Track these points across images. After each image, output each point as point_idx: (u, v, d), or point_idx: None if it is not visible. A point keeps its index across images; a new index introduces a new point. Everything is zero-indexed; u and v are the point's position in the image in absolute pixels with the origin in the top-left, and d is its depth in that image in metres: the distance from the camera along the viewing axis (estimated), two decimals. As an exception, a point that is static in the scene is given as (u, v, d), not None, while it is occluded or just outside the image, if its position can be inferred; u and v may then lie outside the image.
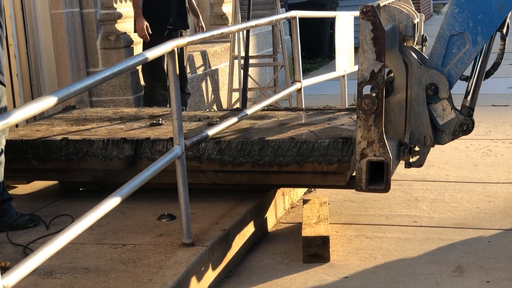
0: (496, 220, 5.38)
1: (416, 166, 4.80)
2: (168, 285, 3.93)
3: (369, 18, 4.32)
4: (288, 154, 5.03)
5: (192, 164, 5.16)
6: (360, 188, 4.56)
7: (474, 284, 4.33)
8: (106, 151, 5.32)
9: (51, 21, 7.07)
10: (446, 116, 4.63)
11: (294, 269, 4.66)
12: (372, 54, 4.34)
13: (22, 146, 5.47)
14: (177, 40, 4.49)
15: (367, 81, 4.38)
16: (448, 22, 4.53)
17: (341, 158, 4.95)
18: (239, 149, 5.12)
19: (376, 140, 4.42)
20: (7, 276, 2.86)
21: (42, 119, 6.33)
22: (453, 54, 4.55)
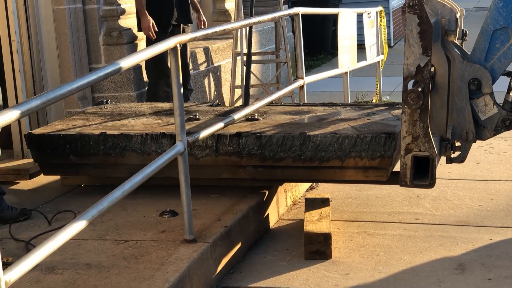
0: (498, 218, 5.37)
1: (458, 161, 4.72)
2: (170, 281, 3.93)
3: (416, 11, 4.30)
4: (329, 149, 4.99)
5: (232, 159, 5.17)
6: (404, 183, 4.54)
7: (476, 282, 4.33)
8: (144, 146, 5.28)
9: (53, 17, 7.06)
10: (488, 111, 4.56)
11: (296, 266, 4.66)
12: (418, 48, 4.31)
13: (59, 141, 5.44)
14: (179, 37, 4.49)
15: (413, 75, 4.35)
16: (492, 16, 4.47)
17: (383, 154, 4.91)
18: (280, 144, 5.08)
19: (422, 135, 4.40)
20: (9, 272, 2.87)
21: (77, 114, 6.31)
22: (496, 49, 4.48)
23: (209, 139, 5.15)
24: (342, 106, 6.08)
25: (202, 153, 5.19)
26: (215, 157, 5.19)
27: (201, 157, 5.21)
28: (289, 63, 9.44)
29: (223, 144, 5.16)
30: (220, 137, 5.16)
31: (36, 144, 5.51)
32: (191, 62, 8.27)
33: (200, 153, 5.20)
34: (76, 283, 3.97)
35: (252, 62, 8.81)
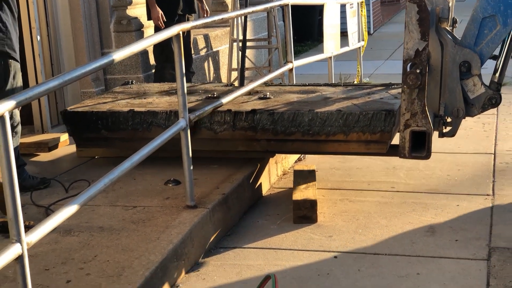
0: (465, 186, 5.38)
1: (449, 136, 4.74)
2: (174, 242, 3.94)
3: (415, 1, 4.30)
4: (335, 125, 4.97)
5: (247, 133, 5.16)
6: (403, 155, 4.56)
7: (445, 243, 4.34)
8: (169, 121, 5.23)
9: (69, 6, 7.01)
10: (476, 91, 4.56)
11: (285, 229, 4.67)
12: (417, 34, 4.31)
13: (92, 117, 5.41)
14: (182, 25, 4.47)
15: (412, 58, 4.35)
16: (481, 5, 4.45)
17: (383, 129, 4.89)
18: (291, 120, 5.05)
19: (419, 112, 4.41)
20: (30, 234, 2.87)
21: (106, 93, 6.26)
22: (485, 35, 4.47)
23: (227, 115, 5.15)
24: (344, 86, 6.05)
25: (220, 128, 5.18)
26: (232, 131, 5.17)
27: (219, 132, 5.19)
28: (279, 49, 9.40)
29: (240, 120, 5.14)
30: (237, 113, 5.14)
31: (71, 120, 5.50)
32: (193, 48, 8.23)
33: (219, 128, 5.18)
34: (90, 244, 3.98)
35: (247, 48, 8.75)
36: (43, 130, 6.75)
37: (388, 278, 3.89)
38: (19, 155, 5.02)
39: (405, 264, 4.05)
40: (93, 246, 3.95)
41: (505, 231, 4.47)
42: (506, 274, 3.86)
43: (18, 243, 2.76)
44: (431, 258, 4.12)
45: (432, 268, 3.99)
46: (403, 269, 3.99)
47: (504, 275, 3.84)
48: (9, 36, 4.79)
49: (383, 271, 3.97)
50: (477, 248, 4.23)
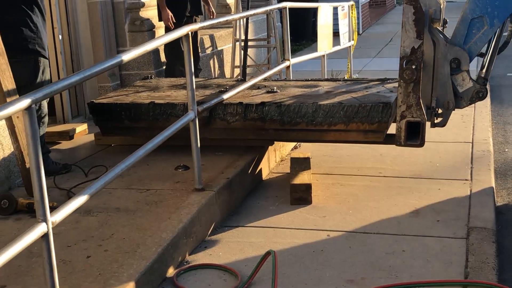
0: (446, 172, 5.37)
1: (440, 126, 4.71)
2: (183, 221, 3.94)
3: (411, 3, 4.28)
4: (336, 116, 4.94)
5: (257, 123, 5.14)
6: (399, 143, 4.55)
7: (427, 223, 4.34)
8: (186, 112, 5.22)
9: (88, 9, 6.98)
10: (465, 85, 4.54)
11: (283, 210, 4.66)
12: (413, 33, 4.29)
13: (116, 108, 5.39)
14: (191, 26, 4.45)
15: (408, 55, 4.33)
16: (470, 7, 4.42)
17: (380, 119, 4.86)
18: (296, 111, 5.02)
19: (414, 104, 4.39)
20: (54, 214, 2.86)
21: (128, 87, 6.22)
22: (473, 34, 4.44)
23: (239, 107, 5.13)
24: (343, 81, 6.00)
25: (233, 118, 5.16)
26: (243, 122, 5.16)
27: (232, 122, 5.17)
28: (278, 48, 9.37)
29: (250, 111, 5.12)
30: (248, 105, 5.13)
31: (97, 111, 5.47)
32: (200, 47, 8.20)
33: (232, 119, 5.16)
34: (108, 223, 3.97)
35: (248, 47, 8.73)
36: (64, 120, 6.73)
37: (376, 254, 3.89)
38: (45, 143, 5.02)
39: (392, 242, 4.05)
40: (111, 225, 3.94)
41: (482, 213, 4.46)
42: (483, 251, 3.85)
43: (44, 222, 2.75)
44: (415, 237, 4.12)
45: (416, 246, 3.98)
46: (390, 247, 3.98)
47: (481, 252, 3.84)
48: (39, 36, 4.84)
49: (372, 248, 3.97)
50: (457, 228, 4.23)
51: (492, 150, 6.06)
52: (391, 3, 21.66)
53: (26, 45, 4.77)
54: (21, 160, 4.36)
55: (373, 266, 3.73)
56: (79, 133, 6.28)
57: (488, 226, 4.22)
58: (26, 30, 4.76)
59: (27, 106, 2.66)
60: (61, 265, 3.40)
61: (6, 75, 4.26)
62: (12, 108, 2.62)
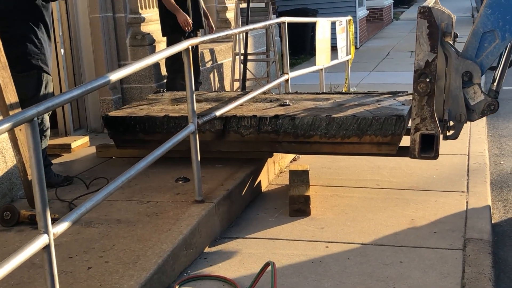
0: (442, 184, 5.37)
1: (452, 138, 4.67)
2: (183, 233, 3.93)
3: (426, 17, 4.27)
4: (350, 128, 4.90)
5: (270, 136, 5.10)
6: (413, 156, 4.52)
7: (424, 234, 4.33)
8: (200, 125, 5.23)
9: (90, 23, 7.00)
10: (476, 98, 4.51)
11: (282, 221, 4.66)
12: (427, 46, 4.27)
13: (131, 122, 5.35)
14: (191, 40, 4.46)
15: (422, 68, 4.31)
16: (481, 21, 4.40)
17: (394, 132, 4.81)
18: (310, 124, 4.99)
19: (428, 117, 4.37)
20: (56, 226, 2.85)
21: (141, 100, 6.17)
22: (485, 48, 4.43)
23: (253, 120, 5.10)
24: (354, 94, 5.95)
25: (246, 131, 5.13)
26: (257, 134, 5.12)
27: (246, 135, 5.14)
28: (277, 61, 9.39)
29: (264, 124, 5.09)
30: (262, 118, 5.09)
31: (111, 124, 5.42)
32: (200, 61, 8.21)
33: (245, 132, 5.13)
34: (109, 235, 3.97)
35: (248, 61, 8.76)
36: (66, 133, 6.75)
37: (374, 265, 3.88)
38: (47, 156, 5.03)
39: (390, 253, 4.04)
40: (111, 236, 3.94)
41: (478, 224, 4.46)
42: (479, 262, 3.85)
43: (45, 233, 2.75)
44: (413, 248, 4.11)
45: (414, 257, 3.97)
46: (388, 258, 3.97)
47: (478, 263, 3.83)
48: (43, 52, 4.86)
49: (370, 259, 3.96)
50: (454, 239, 4.22)
51: (488, 162, 6.06)
52: (388, 18, 21.74)
53: (29, 60, 4.78)
54: (23, 172, 4.36)
55: (371, 277, 3.72)
56: (80, 145, 6.28)
57: (485, 237, 4.22)
58: (31, 45, 4.78)
59: (29, 119, 2.66)
60: (62, 276, 3.39)
61: (9, 88, 4.27)
62: (14, 121, 2.62)
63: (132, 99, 7.28)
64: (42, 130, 4.82)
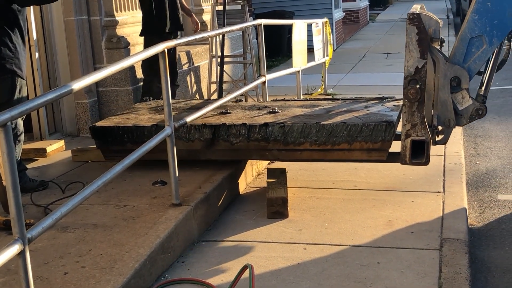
0: (418, 184, 5.41)
1: (441, 143, 4.66)
2: (161, 237, 3.91)
3: (415, 23, 4.26)
4: (340, 135, 4.88)
5: (260, 144, 5.07)
6: (404, 162, 4.51)
7: (401, 235, 4.36)
8: (189, 134, 5.15)
9: (64, 26, 6.95)
10: (465, 103, 4.50)
11: (260, 224, 4.66)
12: (416, 53, 4.28)
13: (119, 132, 5.28)
14: (167, 43, 4.44)
15: (412, 75, 4.31)
16: (469, 26, 4.39)
17: (384, 138, 4.80)
18: (300, 131, 4.96)
19: (419, 123, 4.37)
20: (31, 231, 2.83)
21: (128, 109, 6.08)
22: (472, 53, 4.42)
23: (242, 128, 5.07)
24: (342, 100, 5.91)
25: (236, 139, 5.10)
26: (247, 142, 5.09)
27: (235, 143, 5.11)
28: (253, 64, 9.40)
29: (254, 132, 5.06)
30: (251, 126, 5.06)
31: (99, 134, 5.35)
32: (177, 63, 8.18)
33: (235, 140, 5.10)
34: (85, 239, 3.93)
35: (225, 63, 8.75)
36: (41, 137, 6.68)
37: (352, 266, 3.89)
38: (21, 161, 4.98)
39: (367, 254, 4.06)
40: (88, 241, 3.91)
41: (455, 224, 4.50)
42: (456, 262, 3.88)
43: (20, 239, 2.72)
44: (390, 249, 4.13)
45: (391, 257, 4.00)
46: (365, 259, 3.99)
47: (454, 263, 3.87)
48: (17, 56, 4.82)
49: (347, 261, 3.98)
50: (430, 239, 4.25)
51: (464, 162, 6.12)
52: (364, 20, 21.88)
53: (3, 64, 4.73)
54: (-3, 177, 4.30)
55: (349, 278, 3.74)
56: (56, 149, 6.23)
57: (461, 237, 4.26)
58: (5, 50, 4.73)
59: (2, 123, 2.63)
60: (38, 282, 3.36)
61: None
62: (-13, 125, 2.59)
63: (108, 102, 7.24)
64: (16, 134, 4.77)
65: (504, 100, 9.14)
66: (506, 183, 5.75)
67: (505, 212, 5.07)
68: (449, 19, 21.91)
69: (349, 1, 20.10)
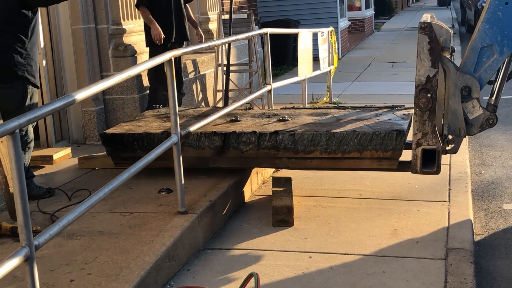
0: (424, 194, 5.40)
1: (451, 153, 4.63)
2: (166, 244, 3.92)
3: (426, 33, 4.26)
4: (350, 144, 4.85)
5: (270, 152, 5.05)
6: (415, 171, 4.50)
7: (407, 244, 4.35)
8: (199, 142, 5.14)
9: (72, 34, 6.98)
10: (475, 112, 4.48)
11: (266, 232, 4.65)
12: (428, 62, 4.27)
13: (129, 139, 5.27)
14: (173, 51, 4.46)
15: (423, 84, 4.30)
16: (479, 36, 4.38)
17: (394, 147, 4.77)
18: (310, 139, 4.94)
19: (430, 132, 4.36)
20: (37, 238, 2.84)
21: (138, 117, 6.07)
22: (483, 62, 4.41)
23: (252, 136, 5.06)
24: (352, 109, 5.88)
25: (246, 147, 5.09)
26: (257, 150, 5.08)
27: (245, 151, 5.09)
28: (259, 72, 9.42)
29: (264, 140, 5.04)
30: (261, 134, 5.04)
31: (109, 141, 5.34)
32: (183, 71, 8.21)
33: (245, 148, 5.09)
34: (91, 247, 3.94)
35: (230, 71, 8.77)
36: (48, 144, 6.70)
37: (357, 275, 3.89)
38: (29, 168, 4.99)
39: (372, 263, 4.05)
40: (94, 248, 3.91)
41: (460, 234, 4.49)
42: (461, 271, 3.87)
43: (27, 246, 2.73)
44: (395, 258, 4.13)
45: (396, 267, 3.99)
46: (371, 268, 3.99)
47: (460, 273, 3.86)
48: (29, 63, 4.83)
49: (353, 270, 3.97)
50: (436, 249, 4.25)
51: (469, 172, 6.11)
52: (369, 29, 21.91)
53: (15, 71, 4.75)
54: (4, 184, 4.32)
55: (354, 287, 3.73)
56: (62, 157, 6.25)
57: (466, 247, 4.25)
58: (17, 57, 4.75)
59: (11, 131, 2.64)
60: (44, 289, 3.36)
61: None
62: (-4, 133, 2.61)
63: (115, 110, 7.26)
64: (26, 142, 4.78)
65: (509, 109, 9.13)
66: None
67: (510, 222, 5.06)
68: (454, 28, 21.91)
69: (354, 10, 20.13)
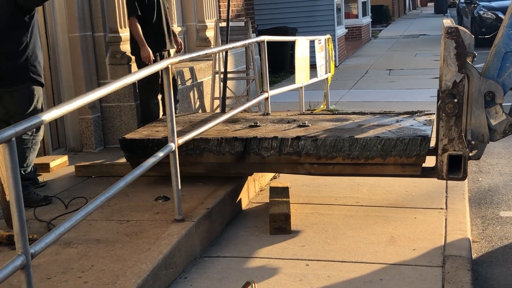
0: (421, 201, 5.41)
1: (475, 158, 4.61)
2: (163, 252, 3.91)
3: (453, 37, 4.23)
4: (373, 149, 4.80)
5: (292, 158, 5.01)
6: (441, 177, 4.47)
7: (404, 251, 4.35)
8: (220, 147, 5.10)
9: (69, 42, 6.98)
10: (498, 118, 4.46)
11: (263, 239, 4.65)
12: (454, 67, 4.24)
13: (148, 144, 5.22)
14: (171, 59, 4.46)
15: (450, 89, 4.27)
16: (503, 41, 4.36)
17: (419, 153, 4.71)
18: (332, 145, 4.88)
19: (456, 137, 4.33)
20: (34, 246, 2.83)
21: (155, 122, 6.05)
22: (507, 68, 4.38)
23: (274, 141, 5.01)
24: (372, 114, 5.82)
25: (267, 153, 5.04)
26: (278, 156, 5.03)
27: (266, 156, 5.05)
28: (256, 80, 9.43)
29: (285, 146, 4.99)
30: (283, 140, 5.00)
31: (128, 146, 5.31)
32: (179, 79, 8.22)
33: (266, 153, 5.05)
34: (88, 255, 3.93)
35: (228, 79, 8.78)
36: (45, 152, 6.69)
37: (354, 283, 3.88)
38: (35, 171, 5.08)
39: (370, 271, 4.05)
40: (90, 256, 3.90)
41: (457, 241, 4.49)
42: (458, 279, 3.87)
43: (23, 254, 2.72)
44: (393, 265, 4.12)
45: (394, 274, 3.99)
46: (368, 275, 3.98)
47: (457, 280, 3.85)
48: (33, 64, 4.90)
49: (350, 277, 3.97)
50: (433, 256, 4.25)
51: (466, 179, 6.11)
52: (366, 37, 21.96)
53: (19, 74, 4.84)
54: (1, 192, 4.31)
55: (351, 295, 3.73)
56: (59, 165, 6.24)
57: (463, 254, 4.25)
58: (21, 61, 4.82)
59: (7, 139, 2.64)
60: (40, 297, 3.35)
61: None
62: (-8, 141, 2.60)
63: (112, 117, 7.25)
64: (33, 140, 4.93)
65: (506, 116, 9.14)
66: (509, 200, 5.74)
67: (507, 229, 5.06)
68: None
69: (351, 18, 20.18)
